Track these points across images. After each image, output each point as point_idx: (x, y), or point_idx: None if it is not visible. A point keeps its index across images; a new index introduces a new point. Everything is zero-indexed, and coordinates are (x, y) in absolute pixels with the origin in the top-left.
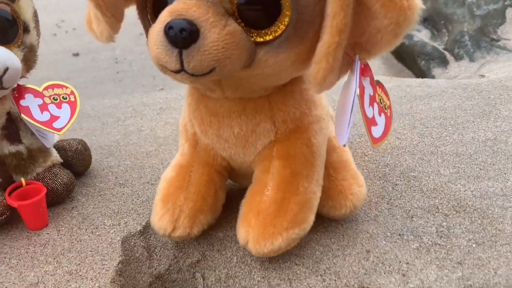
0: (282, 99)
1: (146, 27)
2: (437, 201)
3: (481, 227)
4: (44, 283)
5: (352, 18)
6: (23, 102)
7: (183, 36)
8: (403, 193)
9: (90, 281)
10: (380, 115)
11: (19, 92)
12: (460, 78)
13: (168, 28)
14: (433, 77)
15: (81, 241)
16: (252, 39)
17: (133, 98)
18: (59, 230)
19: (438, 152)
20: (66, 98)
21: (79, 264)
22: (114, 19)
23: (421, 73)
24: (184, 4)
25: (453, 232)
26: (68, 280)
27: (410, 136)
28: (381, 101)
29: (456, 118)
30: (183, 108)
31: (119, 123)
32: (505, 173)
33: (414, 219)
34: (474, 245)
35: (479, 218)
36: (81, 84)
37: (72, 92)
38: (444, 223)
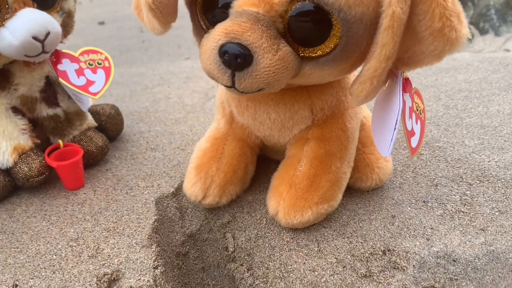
0: (320, 88)
1: (194, 20)
2: (461, 170)
3: (504, 196)
4: (83, 239)
5: (399, 46)
6: (60, 67)
7: (237, 62)
8: (428, 163)
9: (127, 238)
10: (417, 122)
11: (57, 56)
12: (485, 52)
13: (223, 52)
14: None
15: (116, 201)
16: (300, 54)
17: (160, 67)
18: (95, 191)
19: (463, 123)
20: (101, 64)
21: (116, 222)
22: (168, 23)
23: None
24: (239, 27)
25: (477, 200)
26: (106, 237)
27: (436, 108)
28: (417, 108)
29: (482, 91)
30: (220, 86)
31: (147, 90)
32: None
33: (438, 187)
34: (497, 213)
35: (502, 188)
36: (108, 52)
37: (106, 58)
38: (468, 192)
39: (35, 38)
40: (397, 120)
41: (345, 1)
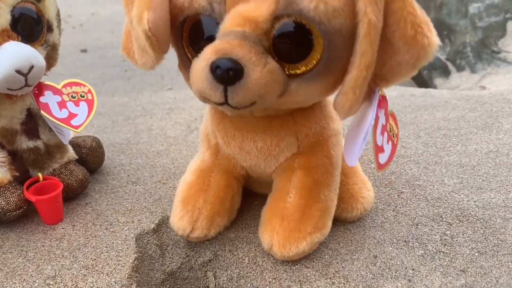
0: (305, 115)
1: (180, 53)
2: (441, 210)
3: (484, 237)
4: (61, 277)
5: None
6: (42, 99)
7: (229, 75)
8: (409, 201)
9: (107, 276)
10: (388, 142)
11: (39, 89)
12: (461, 88)
13: (215, 67)
14: (434, 86)
15: (96, 237)
16: (286, 72)
17: (142, 97)
18: (74, 226)
19: (442, 162)
20: (83, 96)
21: (95, 259)
22: (162, 54)
23: (423, 82)
24: (228, 44)
25: (457, 240)
26: (84, 275)
27: (415, 145)
28: (391, 129)
29: (460, 129)
30: (204, 118)
31: (129, 121)
32: (507, 185)
33: (419, 226)
34: (476, 254)
35: (481, 228)
36: (90, 80)
37: (89, 91)
38: (448, 232)
39: (18, 71)
40: (367, 131)
41: (324, 14)
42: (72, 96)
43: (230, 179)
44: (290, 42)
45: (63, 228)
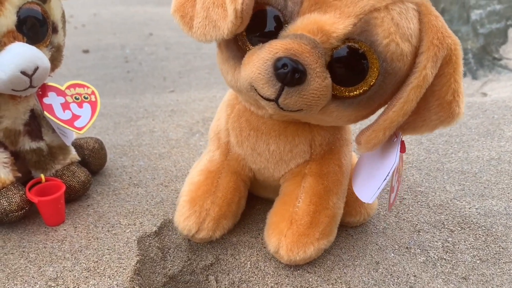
0: (321, 125)
1: (229, 43)
2: (443, 216)
3: (485, 244)
4: (63, 279)
5: None
6: (46, 100)
7: (294, 77)
8: (410, 207)
9: (108, 279)
10: (397, 181)
11: (43, 90)
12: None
13: (281, 65)
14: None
15: (97, 239)
16: (332, 91)
17: (144, 99)
18: (76, 227)
19: (444, 168)
20: (87, 98)
21: (97, 261)
22: (234, 34)
23: None
24: (300, 47)
25: (458, 247)
26: (86, 277)
27: (417, 152)
28: (399, 170)
29: (461, 136)
30: (216, 117)
31: (131, 123)
32: (508, 193)
33: (421, 233)
34: (478, 262)
35: (483, 236)
36: (92, 81)
37: (93, 92)
38: (450, 239)
39: (23, 72)
40: (389, 173)
41: (391, 53)
42: (75, 98)
43: (238, 182)
44: (347, 66)
45: (64, 230)
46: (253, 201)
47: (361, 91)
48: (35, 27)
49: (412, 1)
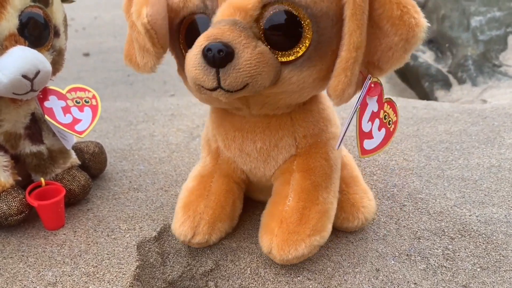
0: (303, 116)
1: (179, 56)
2: (443, 224)
3: (486, 252)
4: (62, 283)
5: (366, 38)
6: (47, 104)
7: (220, 56)
8: (411, 214)
9: (108, 284)
10: (380, 129)
11: (44, 93)
12: (462, 102)
13: (206, 50)
14: (435, 98)
15: (97, 243)
16: (278, 59)
17: (144, 103)
18: (75, 232)
19: (444, 175)
20: (88, 102)
21: (96, 266)
22: (162, 50)
23: (424, 94)
24: (219, 30)
25: (459, 255)
26: (85, 282)
27: (418, 158)
28: (386, 117)
29: (462, 143)
30: (206, 124)
31: (131, 127)
32: (509, 200)
33: (421, 240)
34: (478, 270)
35: (483, 243)
36: (92, 85)
37: (94, 96)
38: (450, 246)
39: (24, 76)
40: (351, 116)
41: None
42: (76, 102)
43: (230, 184)
44: (279, 29)
45: (64, 234)
46: (253, 207)
47: (304, 47)
48: (37, 31)
49: None
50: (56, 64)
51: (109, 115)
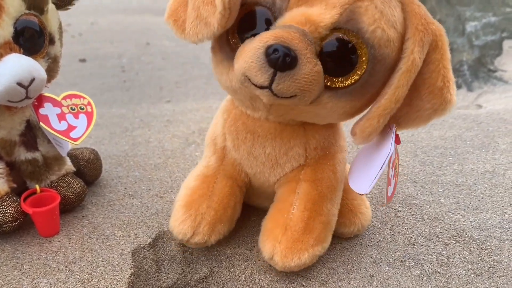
0: (315, 128)
1: (222, 38)
2: (437, 229)
3: (479, 258)
4: None
5: None
6: (42, 111)
7: (285, 61)
8: (405, 220)
9: None
10: (394, 177)
11: (39, 100)
12: (458, 107)
13: (272, 50)
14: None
15: (92, 250)
16: (325, 82)
17: (140, 109)
18: (70, 239)
19: (439, 181)
20: (83, 109)
21: (91, 273)
22: (222, 30)
23: None
24: (289, 34)
25: (453, 261)
26: None
27: (412, 164)
28: (395, 166)
29: (456, 149)
30: (213, 123)
31: (127, 133)
32: (502, 206)
33: (415, 246)
34: (472, 275)
35: (477, 249)
36: (88, 90)
37: (89, 103)
38: (444, 252)
39: (19, 84)
40: (385, 161)
41: (378, 39)
42: (71, 108)
43: (234, 187)
44: (337, 56)
45: (59, 241)
46: (248, 212)
47: (352, 80)
48: (32, 39)
49: None
50: (51, 72)
51: (104, 121)
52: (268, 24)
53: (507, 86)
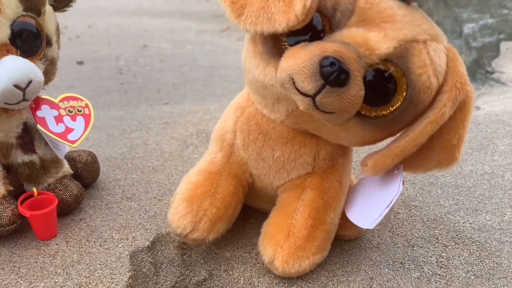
0: (327, 140)
1: (267, 39)
2: (437, 231)
3: (479, 260)
4: None
5: None
6: (39, 113)
7: (338, 77)
8: (405, 222)
9: None
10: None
11: (36, 103)
12: None
13: (329, 63)
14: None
15: (90, 253)
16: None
17: (138, 111)
18: (68, 242)
19: (438, 183)
20: (80, 111)
21: (89, 276)
22: (303, 20)
23: None
24: (348, 52)
25: (453, 263)
26: None
27: None
28: None
29: None
30: (223, 119)
31: (124, 135)
32: (502, 207)
33: (415, 248)
34: (472, 277)
35: (477, 251)
36: (86, 93)
37: (86, 105)
38: (444, 254)
39: (16, 86)
40: (392, 200)
41: (420, 84)
42: (69, 111)
43: (238, 186)
44: (377, 86)
45: (56, 244)
46: (247, 215)
47: (384, 113)
48: (29, 40)
49: (444, 44)
50: (49, 74)
51: (102, 124)
52: (317, 33)
53: (504, 87)
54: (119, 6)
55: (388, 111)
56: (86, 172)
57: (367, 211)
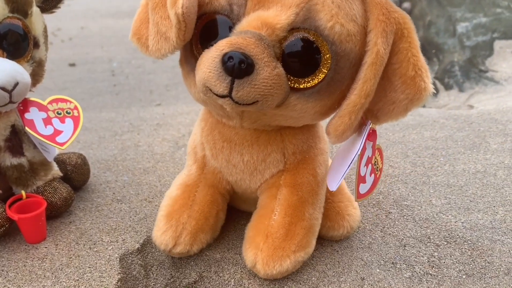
0: (293, 133)
1: (186, 48)
2: (429, 231)
3: (471, 259)
4: None
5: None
6: (27, 115)
7: (240, 68)
8: (396, 222)
9: None
10: (370, 175)
11: (24, 105)
12: (449, 107)
13: (227, 58)
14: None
15: (79, 256)
16: (290, 84)
17: (130, 112)
18: (57, 245)
19: (430, 182)
20: (69, 113)
21: (78, 280)
22: (183, 43)
23: None
24: (244, 40)
25: (444, 262)
26: None
27: (403, 165)
28: (376, 163)
29: (448, 149)
30: (193, 132)
31: (116, 137)
32: (494, 206)
33: (406, 248)
34: (464, 277)
35: (469, 250)
36: (78, 95)
37: (75, 107)
38: (436, 253)
39: (2, 88)
40: (353, 158)
41: (338, 35)
42: (57, 113)
43: (215, 195)
44: (299, 56)
45: (45, 247)
46: (237, 217)
47: (318, 79)
48: (15, 42)
49: None
50: (36, 76)
51: (94, 126)
52: (229, 31)
53: (498, 86)
54: (112, 8)
55: (321, 76)
56: (76, 174)
57: (335, 174)
